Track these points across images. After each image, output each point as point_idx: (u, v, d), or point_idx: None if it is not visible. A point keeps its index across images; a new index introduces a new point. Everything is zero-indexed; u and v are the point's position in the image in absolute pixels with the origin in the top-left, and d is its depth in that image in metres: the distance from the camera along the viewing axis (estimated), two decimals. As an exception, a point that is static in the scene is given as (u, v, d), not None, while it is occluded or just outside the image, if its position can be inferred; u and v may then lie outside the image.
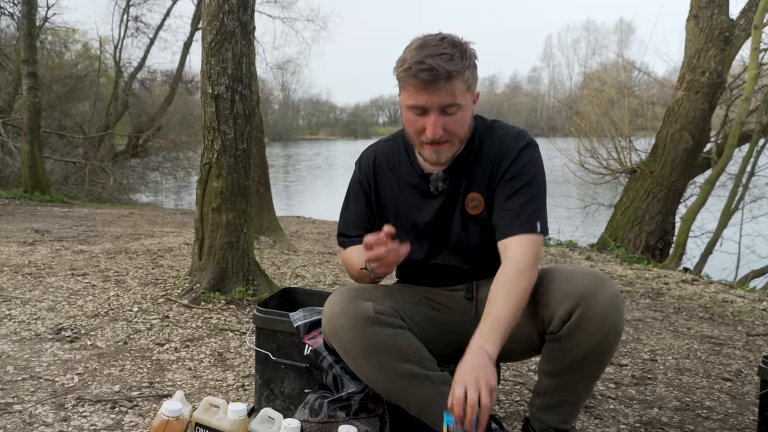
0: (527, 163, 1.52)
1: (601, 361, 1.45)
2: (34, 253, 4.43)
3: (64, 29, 15.56)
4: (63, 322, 2.82)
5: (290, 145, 49.40)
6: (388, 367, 1.44)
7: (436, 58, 1.38)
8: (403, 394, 1.49)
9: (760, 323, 3.56)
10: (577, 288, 1.39)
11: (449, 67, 1.38)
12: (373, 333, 1.44)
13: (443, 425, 1.32)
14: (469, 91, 1.45)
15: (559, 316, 1.40)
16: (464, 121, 1.47)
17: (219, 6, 3.12)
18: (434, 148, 1.47)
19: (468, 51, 1.44)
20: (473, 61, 1.45)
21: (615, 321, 1.38)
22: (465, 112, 1.46)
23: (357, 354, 1.46)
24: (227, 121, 3.20)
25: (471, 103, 1.48)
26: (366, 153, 1.72)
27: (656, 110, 7.84)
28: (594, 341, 1.39)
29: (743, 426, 2.07)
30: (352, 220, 1.71)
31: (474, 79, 1.46)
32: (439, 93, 1.40)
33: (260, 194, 5.96)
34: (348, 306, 1.46)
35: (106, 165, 13.04)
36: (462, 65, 1.40)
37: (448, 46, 1.40)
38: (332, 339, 1.50)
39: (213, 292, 3.22)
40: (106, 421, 1.85)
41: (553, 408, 1.51)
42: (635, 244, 6.31)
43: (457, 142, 1.49)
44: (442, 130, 1.43)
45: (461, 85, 1.41)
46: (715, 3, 6.14)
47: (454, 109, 1.43)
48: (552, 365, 1.47)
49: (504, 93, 73.93)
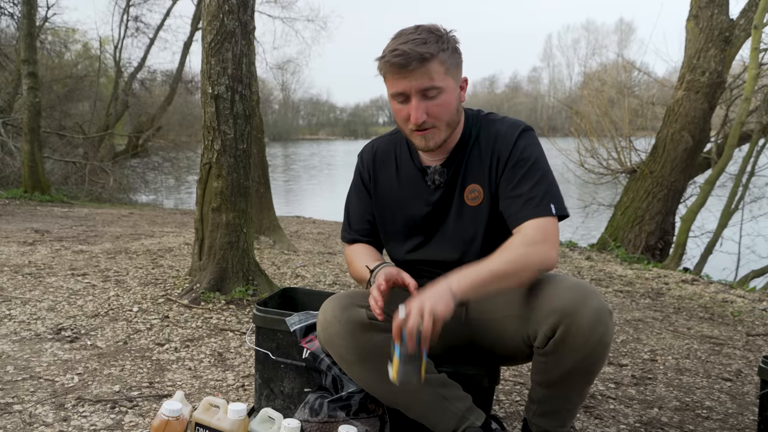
0: (526, 148, 1.50)
1: (591, 372, 1.42)
2: (34, 253, 4.43)
3: (64, 29, 15.58)
4: (63, 322, 2.82)
5: (290, 145, 49.41)
6: (383, 372, 1.43)
7: (408, 43, 1.40)
8: (401, 399, 1.49)
9: (760, 323, 3.56)
10: (561, 304, 1.35)
11: (421, 49, 1.39)
12: (367, 339, 1.44)
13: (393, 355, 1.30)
14: (449, 74, 1.44)
15: (544, 332, 1.37)
16: (448, 104, 1.45)
17: (219, 6, 3.12)
18: (421, 133, 1.47)
19: (445, 36, 1.44)
20: (452, 45, 1.45)
21: (601, 335, 1.34)
22: (448, 96, 1.45)
23: (353, 360, 1.47)
24: (227, 121, 3.20)
25: (455, 87, 1.47)
26: (367, 147, 1.72)
27: (656, 110, 7.84)
28: (580, 356, 1.36)
29: (743, 426, 2.07)
30: (354, 215, 1.71)
31: (454, 63, 1.46)
32: (415, 76, 1.40)
33: (260, 194, 5.96)
34: (341, 314, 1.46)
35: (106, 165, 13.03)
36: (436, 47, 1.40)
37: (422, 32, 1.42)
38: (327, 346, 1.50)
39: (213, 292, 3.22)
40: (106, 421, 1.85)
41: (549, 414, 1.51)
42: (635, 244, 6.31)
43: (443, 126, 1.47)
44: (425, 114, 1.43)
45: (438, 66, 1.41)
46: (715, 3, 6.15)
47: (435, 92, 1.42)
48: (542, 377, 1.46)
49: (504, 93, 73.93)
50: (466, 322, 1.58)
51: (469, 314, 1.58)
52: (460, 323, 1.58)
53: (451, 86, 1.45)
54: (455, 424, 1.47)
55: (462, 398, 1.50)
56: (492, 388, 1.68)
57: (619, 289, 4.34)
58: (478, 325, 1.56)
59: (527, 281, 1.42)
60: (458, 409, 1.47)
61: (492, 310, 1.53)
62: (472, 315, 1.58)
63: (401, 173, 1.63)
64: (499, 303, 1.51)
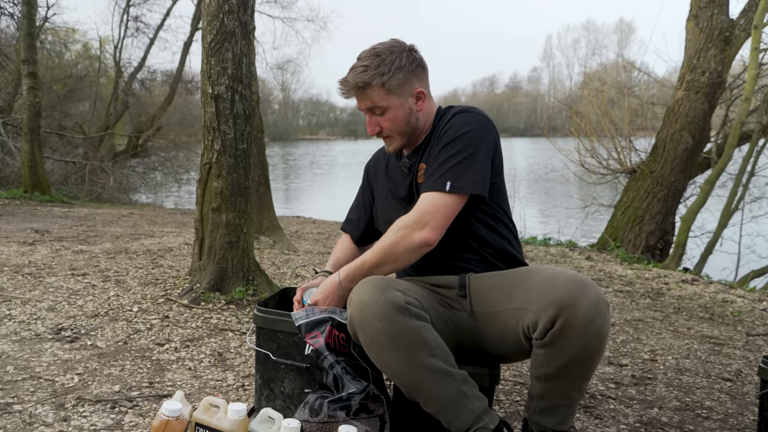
0: (453, 126, 1.63)
1: (589, 365, 1.44)
2: (34, 253, 4.43)
3: (64, 29, 15.57)
4: (63, 322, 2.82)
5: (290, 145, 49.40)
6: (414, 359, 1.44)
7: (351, 72, 1.64)
8: (425, 389, 1.48)
9: (760, 323, 3.56)
10: (559, 296, 1.38)
11: (359, 79, 1.62)
12: (402, 323, 1.44)
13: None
14: (392, 93, 1.63)
15: (543, 324, 1.40)
16: (395, 119, 1.66)
17: (219, 6, 3.12)
18: (383, 139, 1.73)
19: (389, 59, 1.62)
20: (398, 65, 1.62)
21: (599, 326, 1.38)
22: (394, 112, 1.66)
23: (385, 344, 1.46)
24: (227, 121, 3.20)
25: (402, 103, 1.65)
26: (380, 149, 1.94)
27: (656, 110, 7.84)
28: (579, 348, 1.39)
29: (743, 426, 2.07)
30: (350, 209, 2.00)
31: (398, 83, 1.63)
32: (360, 100, 1.67)
33: (260, 194, 5.96)
34: (379, 295, 1.45)
35: (106, 165, 13.03)
36: (375, 73, 1.61)
37: (368, 58, 1.63)
38: (360, 328, 1.49)
39: (213, 292, 3.22)
40: (106, 421, 1.85)
41: (548, 411, 1.51)
42: (635, 244, 6.31)
43: (396, 135, 1.69)
44: (378, 127, 1.69)
45: (377, 91, 1.62)
46: (715, 3, 6.15)
47: (380, 110, 1.66)
48: (540, 370, 1.47)
49: (504, 93, 73.99)
50: (471, 315, 1.61)
51: (474, 308, 1.62)
52: (467, 315, 1.62)
53: (396, 103, 1.65)
54: (471, 423, 1.47)
55: (480, 398, 1.51)
56: (492, 388, 1.68)
57: (619, 289, 4.34)
58: (482, 318, 1.59)
59: (406, 263, 1.62)
60: (476, 408, 1.48)
61: (494, 304, 1.56)
62: (477, 309, 1.61)
63: (390, 165, 1.85)
64: (499, 296, 1.55)
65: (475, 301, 1.61)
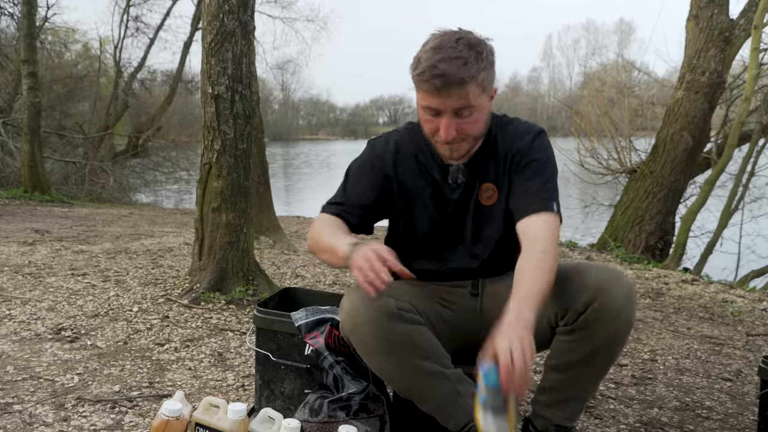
0: (539, 149, 1.55)
1: (611, 355, 1.46)
2: (34, 253, 4.43)
3: (64, 29, 15.55)
4: (63, 322, 2.82)
5: (290, 145, 49.39)
6: (406, 363, 1.44)
7: (449, 62, 1.37)
8: (419, 391, 1.49)
9: (760, 323, 3.56)
10: (594, 281, 1.40)
11: (462, 73, 1.37)
12: (393, 329, 1.43)
13: (480, 380, 1.21)
14: (485, 92, 1.45)
15: (575, 308, 1.41)
16: (478, 121, 1.48)
17: (219, 6, 3.12)
18: (448, 145, 1.49)
19: (484, 52, 1.43)
20: (490, 61, 1.44)
21: (629, 314, 1.41)
22: (480, 113, 1.47)
23: (376, 349, 1.45)
24: (227, 121, 3.20)
25: (487, 102, 1.49)
26: (381, 141, 1.66)
27: (656, 110, 7.85)
28: (609, 334, 1.40)
29: (743, 426, 2.07)
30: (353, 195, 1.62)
31: (490, 79, 1.46)
32: (452, 97, 1.40)
33: (260, 194, 5.95)
34: (370, 302, 1.44)
35: (106, 165, 13.02)
36: (477, 68, 1.39)
37: (463, 49, 1.39)
38: (351, 334, 1.48)
39: (213, 292, 3.22)
40: (106, 421, 1.85)
41: (559, 404, 1.51)
42: (635, 244, 6.31)
43: (471, 140, 1.50)
44: (455, 132, 1.44)
45: (475, 88, 1.41)
46: (715, 3, 6.14)
47: (468, 111, 1.43)
48: (562, 359, 1.47)
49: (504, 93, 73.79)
50: (480, 318, 1.60)
51: (484, 305, 1.61)
52: (476, 315, 1.60)
53: (485, 103, 1.47)
54: (467, 421, 1.47)
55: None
56: (492, 388, 1.68)
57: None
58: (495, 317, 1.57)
59: None
60: (471, 406, 1.48)
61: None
62: (486, 306, 1.60)
63: (423, 171, 1.60)
64: None
65: (486, 301, 1.61)
